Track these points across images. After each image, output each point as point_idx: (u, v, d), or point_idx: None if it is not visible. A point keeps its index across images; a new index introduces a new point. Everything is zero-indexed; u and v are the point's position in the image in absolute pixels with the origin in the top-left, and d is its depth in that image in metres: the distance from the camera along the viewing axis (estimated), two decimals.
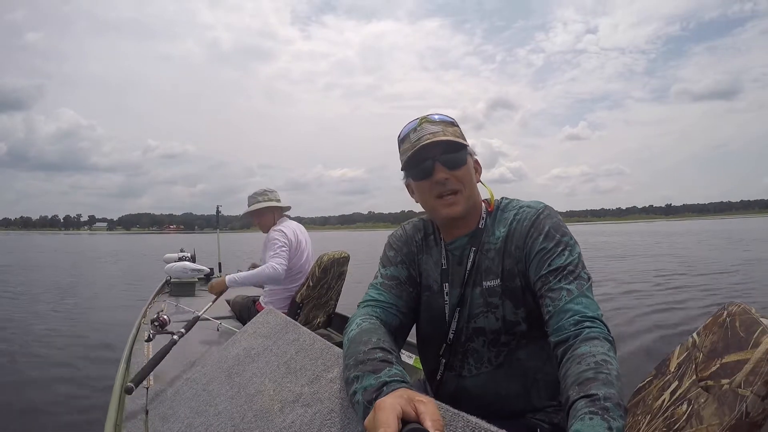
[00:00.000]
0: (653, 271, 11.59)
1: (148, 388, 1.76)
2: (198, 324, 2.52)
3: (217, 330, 2.81)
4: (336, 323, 3.38)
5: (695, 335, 1.03)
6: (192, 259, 4.99)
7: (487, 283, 1.07)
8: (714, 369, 0.86)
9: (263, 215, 3.11)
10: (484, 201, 1.16)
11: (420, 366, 1.33)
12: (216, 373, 1.30)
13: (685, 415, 0.85)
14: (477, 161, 1.14)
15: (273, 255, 2.85)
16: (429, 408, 0.64)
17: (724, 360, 0.85)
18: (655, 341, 5.11)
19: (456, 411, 0.70)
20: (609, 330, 0.87)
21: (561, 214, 1.10)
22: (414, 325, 1.22)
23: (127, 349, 1.99)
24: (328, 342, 1.09)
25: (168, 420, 1.25)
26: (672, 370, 1.04)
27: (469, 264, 1.10)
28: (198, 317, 1.98)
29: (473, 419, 0.67)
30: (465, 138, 1.11)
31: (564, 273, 0.95)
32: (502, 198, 1.17)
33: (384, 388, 0.72)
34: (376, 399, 0.69)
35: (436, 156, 1.06)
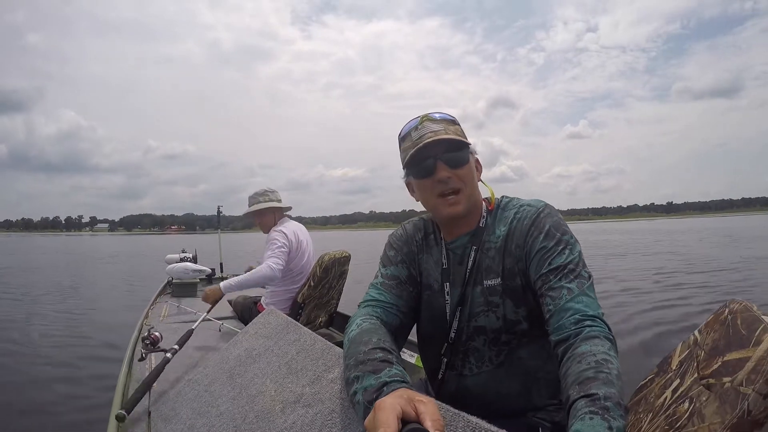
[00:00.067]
0: (655, 269, 11.57)
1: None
2: (200, 324, 2.52)
3: (219, 331, 2.81)
4: (338, 322, 3.38)
5: (697, 333, 1.03)
6: (193, 260, 5.00)
7: (488, 282, 1.07)
8: (716, 367, 0.85)
9: (264, 215, 3.11)
10: (484, 200, 1.16)
11: (422, 365, 1.33)
12: (218, 374, 1.30)
13: (687, 414, 0.85)
14: (477, 160, 1.13)
15: (270, 255, 2.85)
16: (429, 408, 0.63)
17: (725, 358, 0.84)
18: (657, 339, 5.11)
19: (456, 411, 0.70)
20: (610, 329, 0.86)
21: (562, 212, 1.10)
22: (415, 325, 1.22)
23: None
24: (328, 342, 1.09)
25: (170, 421, 1.25)
26: (674, 368, 1.04)
27: (470, 263, 1.10)
28: (192, 330, 1.96)
29: (473, 419, 0.67)
30: (466, 137, 1.10)
31: (564, 272, 0.95)
32: (502, 197, 1.17)
33: (384, 388, 0.72)
34: (376, 399, 0.69)
35: (437, 154, 1.05)
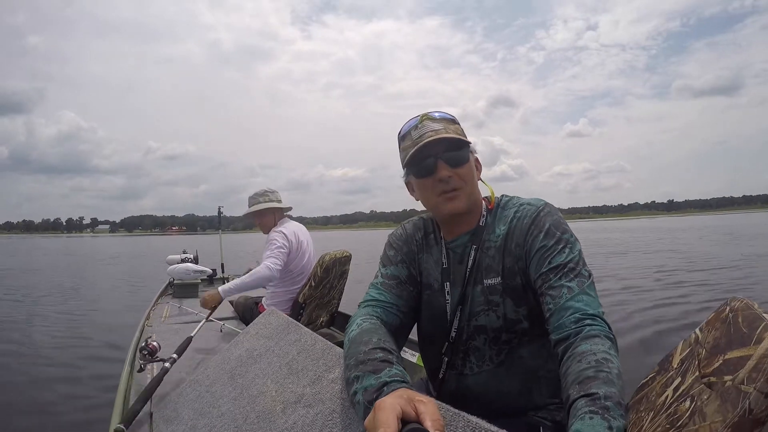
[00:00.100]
0: (656, 267, 11.56)
1: (154, 376, 1.76)
2: (201, 324, 2.52)
3: (221, 331, 2.82)
4: (339, 322, 3.38)
5: (698, 331, 1.02)
6: (195, 261, 5.00)
7: (488, 281, 1.07)
8: (717, 365, 0.85)
9: (264, 216, 3.10)
10: (484, 199, 1.15)
11: (423, 364, 1.33)
12: (219, 375, 1.30)
13: (688, 412, 0.85)
14: (477, 159, 1.13)
15: (268, 255, 2.84)
16: (429, 408, 0.63)
17: (726, 356, 0.84)
18: (658, 337, 5.10)
19: (456, 411, 0.69)
20: (610, 327, 0.86)
21: (563, 211, 1.09)
22: (415, 325, 1.21)
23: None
24: (329, 342, 1.09)
25: (172, 422, 1.25)
26: (675, 366, 1.03)
27: (470, 262, 1.10)
28: (191, 337, 1.95)
29: (474, 419, 0.67)
30: (466, 136, 1.10)
31: (564, 270, 0.94)
32: (502, 196, 1.17)
33: (384, 388, 0.72)
34: (376, 399, 0.69)
35: (438, 153, 1.05)
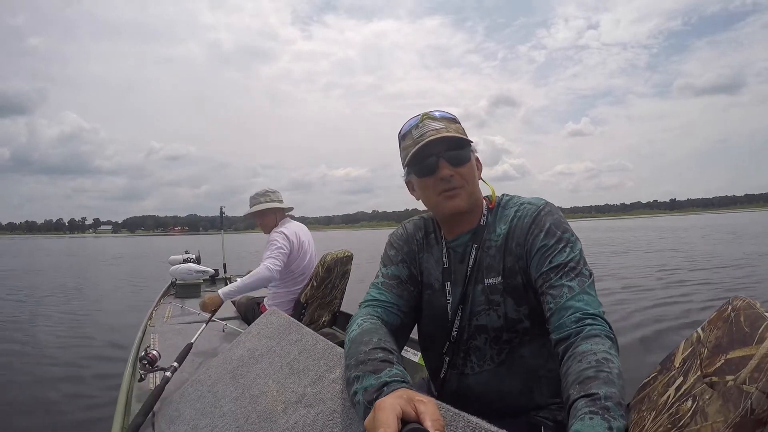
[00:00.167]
0: (657, 266, 11.53)
1: (155, 382, 1.76)
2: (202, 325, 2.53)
3: (223, 331, 2.83)
4: (341, 322, 3.39)
5: (700, 330, 1.02)
6: (197, 261, 5.00)
7: (489, 281, 1.07)
8: (719, 365, 0.85)
9: (265, 216, 3.09)
10: (485, 198, 1.15)
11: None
12: (221, 375, 1.30)
13: (690, 412, 0.84)
14: (477, 159, 1.13)
15: (268, 256, 2.84)
16: (429, 408, 0.63)
17: (728, 356, 0.84)
18: (660, 336, 5.08)
19: (457, 411, 0.69)
20: (611, 327, 0.86)
21: (565, 210, 1.09)
22: (416, 324, 1.21)
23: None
24: (330, 342, 1.09)
25: (174, 422, 1.25)
26: (677, 365, 1.03)
27: (471, 261, 1.09)
28: (191, 344, 1.94)
29: (474, 419, 0.67)
30: (467, 135, 1.09)
31: (565, 270, 0.94)
32: (503, 195, 1.16)
33: (384, 388, 0.72)
34: (376, 399, 0.69)
35: (440, 153, 1.04)
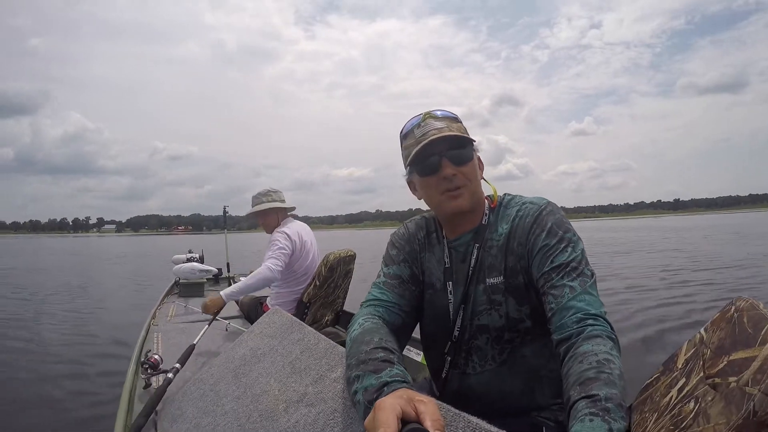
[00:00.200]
0: (661, 266, 11.49)
1: (157, 376, 1.77)
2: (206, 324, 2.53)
3: (226, 330, 2.83)
4: (344, 321, 3.39)
5: (703, 331, 1.01)
6: (200, 260, 5.01)
7: (491, 281, 1.06)
8: (721, 366, 0.84)
9: (267, 216, 3.09)
10: (487, 197, 1.15)
11: None
12: (223, 374, 1.30)
13: (693, 413, 0.84)
14: (479, 158, 1.12)
15: (270, 256, 2.83)
16: (429, 408, 0.63)
17: (731, 357, 0.83)
18: (663, 337, 5.06)
19: (457, 411, 0.69)
20: (612, 327, 0.85)
21: (568, 210, 1.08)
22: (418, 324, 1.21)
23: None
24: (332, 341, 1.09)
25: (176, 420, 1.26)
26: (680, 366, 1.02)
27: (473, 261, 1.09)
28: (194, 345, 1.94)
29: (474, 419, 0.67)
30: (468, 134, 1.09)
31: (567, 270, 0.94)
32: (504, 194, 1.16)
33: (385, 388, 0.71)
34: (376, 399, 0.69)
35: (442, 152, 1.04)
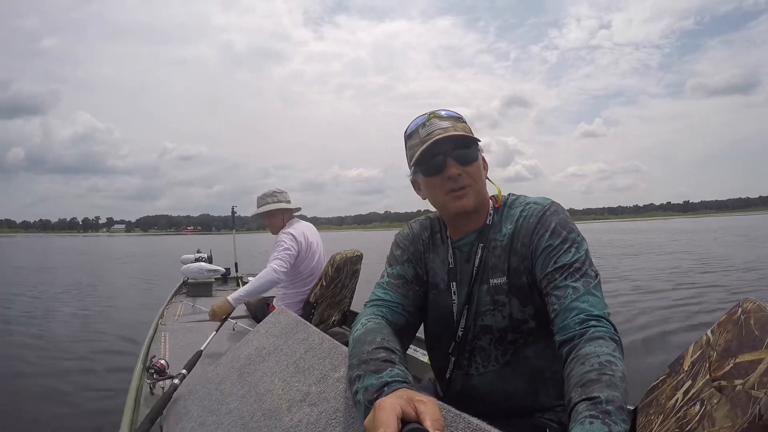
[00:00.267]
0: (669, 269, 11.41)
1: (164, 388, 1.78)
2: (213, 323, 2.54)
3: (233, 330, 2.85)
4: (351, 321, 3.39)
5: (709, 333, 1.00)
6: (208, 260, 5.04)
7: (494, 281, 1.06)
8: (727, 369, 0.83)
9: (273, 217, 3.09)
10: (491, 197, 1.15)
11: None
12: (228, 373, 1.31)
13: (698, 416, 0.83)
14: (484, 158, 1.12)
15: (275, 257, 2.83)
16: (429, 408, 0.63)
17: (737, 360, 0.82)
18: (670, 339, 5.03)
19: (457, 412, 0.69)
20: (616, 329, 0.85)
21: (578, 212, 1.08)
22: (423, 324, 1.21)
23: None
24: (336, 341, 1.09)
25: (182, 419, 1.27)
26: (686, 369, 1.01)
27: (477, 261, 1.09)
28: (201, 351, 1.94)
29: (474, 420, 0.67)
30: (473, 134, 1.09)
31: (570, 270, 0.93)
32: (509, 194, 1.16)
33: (385, 388, 0.71)
34: (376, 399, 0.69)
35: (447, 151, 1.04)
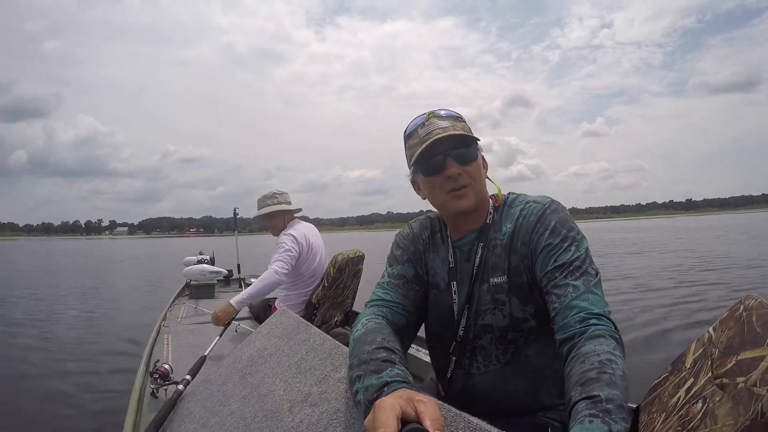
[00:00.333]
0: (672, 266, 11.39)
1: (166, 390, 1.78)
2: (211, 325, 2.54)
3: (236, 331, 2.86)
4: (353, 321, 3.38)
5: (711, 330, 1.00)
6: (211, 262, 5.04)
7: (494, 280, 1.06)
8: (729, 366, 0.83)
9: (273, 218, 3.09)
10: (491, 197, 1.14)
11: None
12: (230, 374, 1.31)
13: (700, 414, 0.83)
14: (483, 157, 1.12)
15: (276, 259, 2.83)
16: (429, 408, 0.63)
17: (740, 357, 0.82)
18: (672, 336, 5.02)
19: (457, 411, 0.69)
20: (616, 327, 0.85)
21: (580, 211, 1.07)
22: (423, 324, 1.21)
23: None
24: (337, 342, 1.09)
25: (184, 420, 1.27)
26: (688, 366, 1.01)
27: (477, 260, 1.09)
28: (205, 357, 1.94)
29: (474, 420, 0.66)
30: (472, 133, 1.09)
31: (570, 269, 0.93)
32: (509, 193, 1.16)
33: (385, 388, 0.71)
34: (376, 399, 0.68)
35: (447, 151, 1.04)
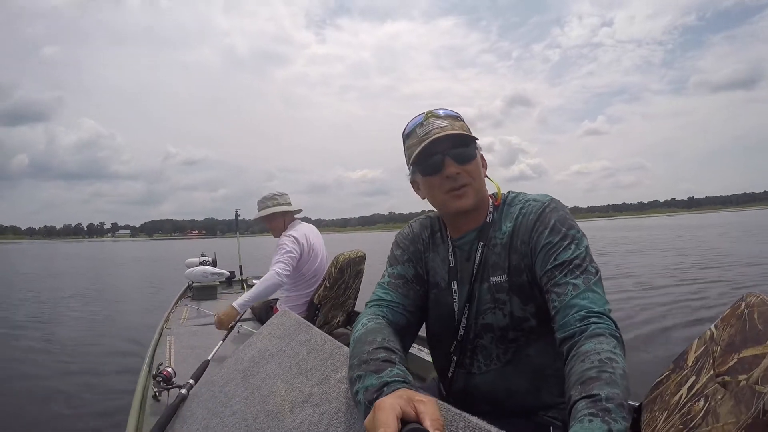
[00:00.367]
0: (673, 264, 11.37)
1: (168, 392, 1.78)
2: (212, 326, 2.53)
3: (238, 332, 2.85)
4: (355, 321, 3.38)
5: (713, 327, 1.00)
6: (213, 263, 5.04)
7: (494, 279, 1.06)
8: (731, 364, 0.83)
9: (273, 220, 3.09)
10: (490, 195, 1.14)
11: None
12: (232, 375, 1.31)
13: (702, 412, 0.82)
14: (482, 156, 1.12)
15: (276, 261, 2.83)
16: (429, 408, 0.63)
17: (741, 354, 0.82)
18: (674, 334, 5.00)
19: (457, 411, 0.69)
20: (617, 325, 0.84)
21: (582, 210, 1.07)
22: (424, 324, 1.21)
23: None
24: (338, 342, 1.09)
25: (186, 421, 1.27)
26: (690, 364, 1.01)
27: (477, 259, 1.09)
28: (208, 361, 1.94)
29: (474, 419, 0.66)
30: (471, 132, 1.08)
31: (570, 267, 0.93)
32: (508, 192, 1.15)
33: (385, 388, 0.71)
34: (376, 399, 0.68)
35: (445, 150, 1.03)
